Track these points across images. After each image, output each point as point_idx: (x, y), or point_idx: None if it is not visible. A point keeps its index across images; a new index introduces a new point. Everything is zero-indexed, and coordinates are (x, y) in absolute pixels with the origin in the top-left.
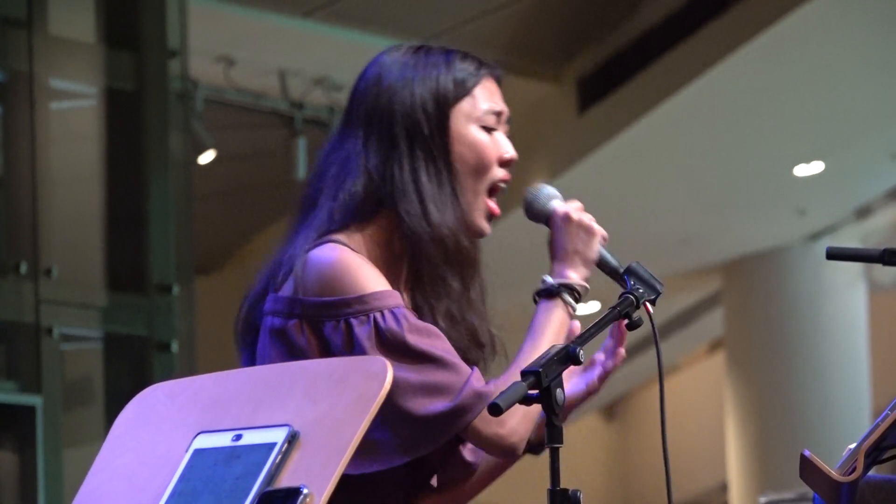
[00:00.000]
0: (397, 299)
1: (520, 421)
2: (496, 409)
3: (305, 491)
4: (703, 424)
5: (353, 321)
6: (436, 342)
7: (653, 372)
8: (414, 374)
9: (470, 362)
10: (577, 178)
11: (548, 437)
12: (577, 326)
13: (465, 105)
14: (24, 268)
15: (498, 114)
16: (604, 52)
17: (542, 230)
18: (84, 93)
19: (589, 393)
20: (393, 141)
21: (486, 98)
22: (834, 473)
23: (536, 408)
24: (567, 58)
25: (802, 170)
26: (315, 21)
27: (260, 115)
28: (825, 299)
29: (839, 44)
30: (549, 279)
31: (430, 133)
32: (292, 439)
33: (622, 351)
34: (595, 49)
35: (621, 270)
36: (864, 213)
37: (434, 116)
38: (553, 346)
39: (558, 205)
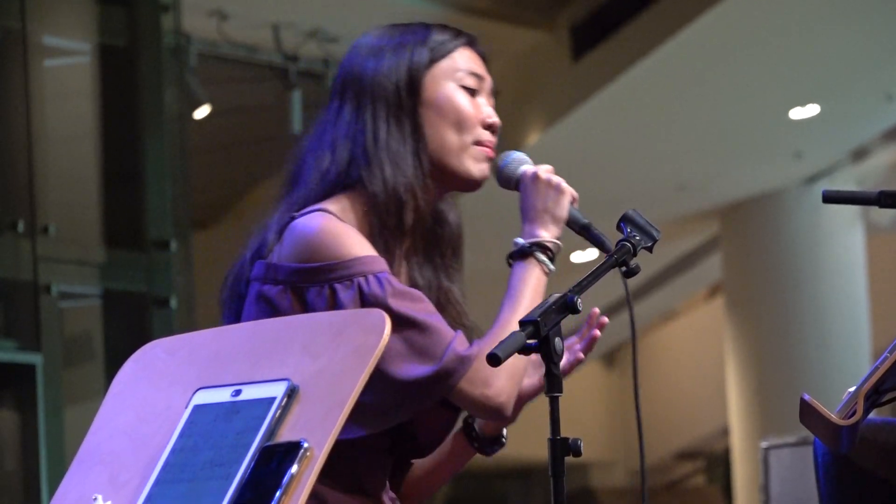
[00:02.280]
0: (382, 264)
1: (506, 381)
2: (495, 360)
3: (306, 445)
4: (703, 370)
5: (338, 286)
6: (419, 306)
7: (652, 318)
8: (397, 339)
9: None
10: (573, 126)
11: (547, 386)
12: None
13: (442, 65)
14: (21, 226)
15: (479, 78)
16: None
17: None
18: (77, 49)
19: (540, 390)
20: (360, 107)
21: (465, 62)
22: (834, 417)
23: (522, 368)
24: (560, 4)
25: (798, 113)
26: None
27: (254, 68)
28: (823, 242)
29: None
30: (521, 240)
31: (396, 93)
32: (292, 393)
33: (582, 355)
34: None
35: (591, 228)
36: (860, 155)
37: (404, 78)
38: (552, 294)
39: (527, 168)
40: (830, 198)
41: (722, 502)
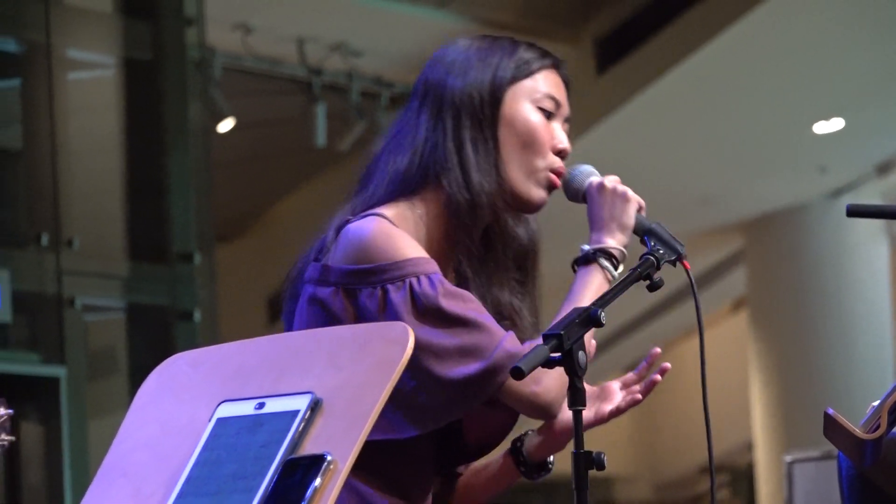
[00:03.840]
0: (433, 266)
1: (556, 379)
2: (518, 373)
3: (329, 458)
4: (728, 383)
5: (390, 287)
6: (470, 306)
7: (678, 331)
8: (448, 338)
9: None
10: (597, 140)
11: (570, 399)
12: (593, 346)
13: (525, 84)
14: (45, 239)
15: (557, 103)
16: (621, 13)
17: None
18: (102, 63)
19: (596, 423)
20: (441, 114)
21: (547, 84)
22: (858, 431)
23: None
24: (584, 18)
25: (822, 127)
26: None
27: (278, 81)
28: (847, 256)
29: (859, 0)
30: (586, 246)
31: (480, 105)
32: (315, 406)
33: (640, 396)
34: (613, 9)
35: (658, 231)
36: (884, 169)
37: (487, 91)
38: (573, 308)
39: (594, 179)
40: (855, 212)
41: None
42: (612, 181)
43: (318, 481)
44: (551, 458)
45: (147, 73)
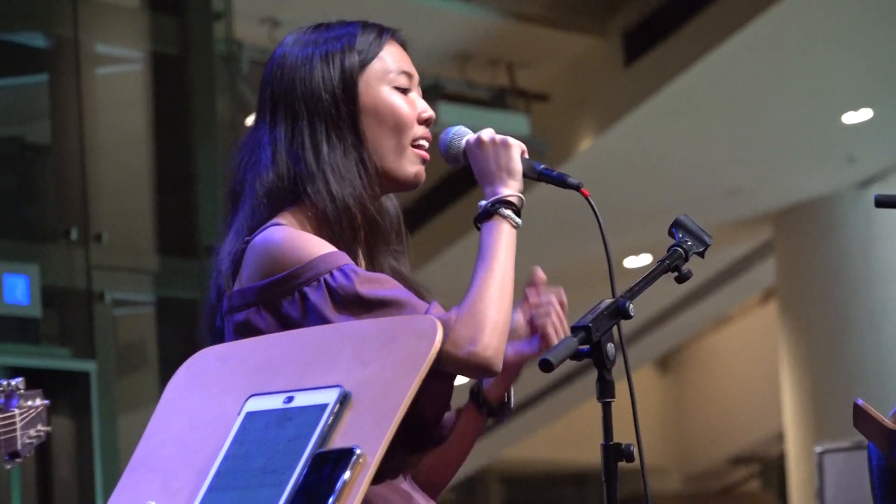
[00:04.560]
0: (344, 258)
1: (490, 335)
2: (547, 365)
3: (358, 451)
4: (757, 375)
5: (307, 289)
6: (387, 286)
7: (705, 323)
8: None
9: None
10: (625, 132)
11: (599, 391)
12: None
13: (373, 69)
14: (74, 234)
15: (409, 75)
16: (648, 5)
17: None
18: (129, 57)
19: (520, 359)
20: (297, 122)
21: (394, 59)
22: (887, 421)
23: (505, 322)
24: (612, 11)
25: (851, 117)
26: None
27: None
28: (876, 246)
29: None
30: (483, 202)
31: (333, 103)
32: (344, 400)
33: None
34: (640, 1)
35: (550, 171)
36: None
37: (339, 87)
38: (602, 300)
39: (469, 137)
40: (883, 202)
41: None
42: (488, 133)
43: (347, 475)
44: (510, 393)
45: (175, 67)
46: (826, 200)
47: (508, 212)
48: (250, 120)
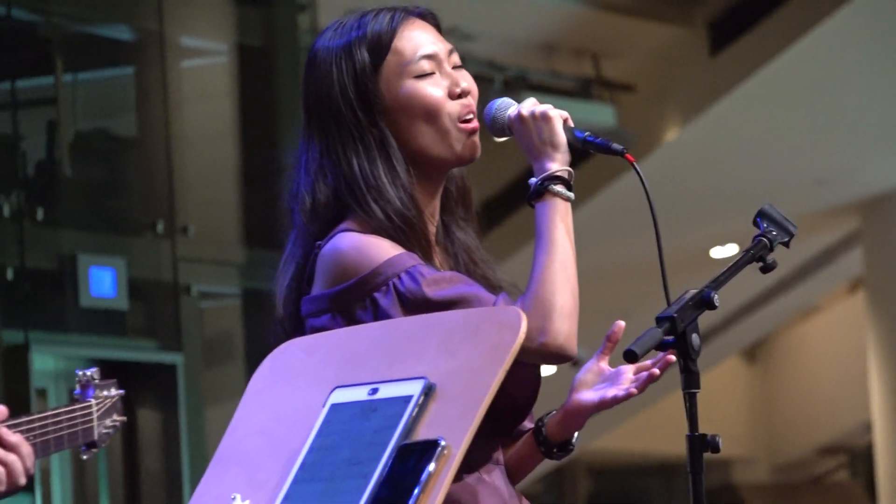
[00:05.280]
0: (411, 259)
1: (560, 322)
2: (632, 356)
3: (443, 443)
4: (845, 365)
5: (377, 295)
6: (454, 284)
7: (792, 313)
8: None
9: None
10: (711, 121)
11: (684, 382)
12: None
13: (389, 66)
14: (160, 227)
15: (431, 56)
16: None
17: (674, 177)
18: (215, 50)
19: (599, 408)
20: (328, 135)
21: (410, 47)
22: None
23: (573, 301)
24: (697, 1)
25: None
26: None
27: None
28: None
29: None
30: (533, 180)
31: (353, 114)
32: (429, 391)
33: (635, 390)
34: None
35: (594, 138)
36: None
37: (354, 95)
38: (687, 291)
39: (513, 110)
40: None
41: (865, 498)
42: (527, 107)
43: (432, 466)
44: (575, 437)
45: (260, 59)
46: None
47: (559, 187)
48: None
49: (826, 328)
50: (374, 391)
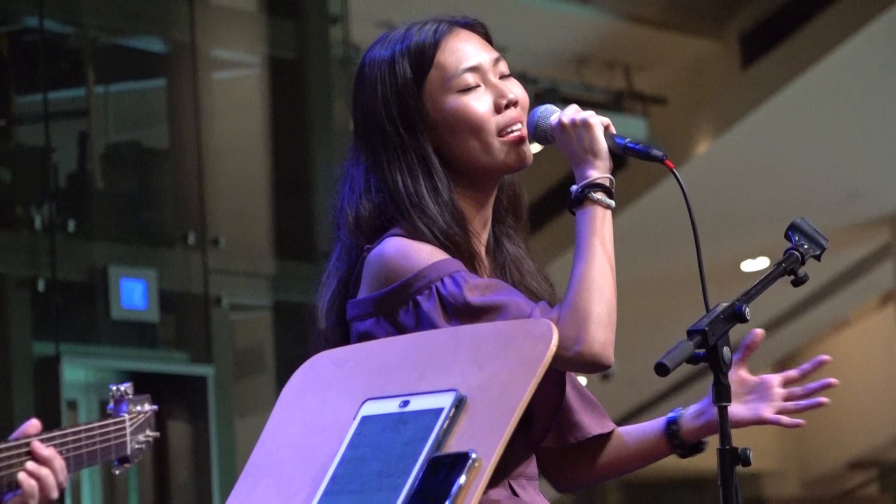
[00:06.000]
0: (455, 265)
1: (596, 330)
2: (662, 369)
3: (474, 456)
4: (876, 378)
5: (419, 298)
6: (495, 291)
7: (825, 326)
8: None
9: None
10: (743, 134)
11: (715, 395)
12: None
13: (432, 81)
14: (191, 238)
15: (475, 68)
16: (766, 7)
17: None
18: (246, 62)
19: (752, 423)
20: (374, 152)
21: (453, 61)
22: None
23: (611, 308)
24: (729, 13)
25: None
26: None
27: None
28: None
29: None
30: (574, 187)
31: (397, 132)
32: (459, 404)
33: (802, 422)
34: (757, 4)
35: (635, 145)
36: None
37: (396, 112)
38: (718, 304)
39: (553, 118)
40: None
41: None
42: (568, 115)
43: (462, 479)
44: (706, 438)
45: (291, 71)
46: None
47: (599, 195)
48: None
49: (857, 342)
50: (405, 403)
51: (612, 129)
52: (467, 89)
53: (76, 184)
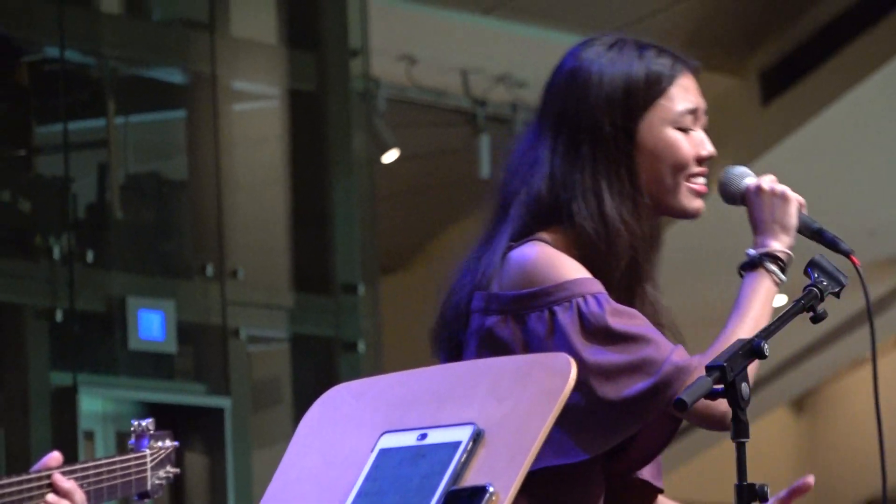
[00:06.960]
0: (598, 285)
1: None
2: (681, 405)
3: (491, 489)
4: (894, 417)
5: (557, 308)
6: (637, 322)
7: (843, 362)
8: (617, 356)
9: None
10: (761, 171)
11: (734, 431)
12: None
13: (659, 108)
14: (210, 270)
15: (694, 112)
16: (786, 44)
17: (728, 227)
18: (266, 94)
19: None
20: (577, 146)
21: (681, 98)
22: None
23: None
24: (750, 50)
25: None
26: (496, 18)
27: (442, 113)
28: None
29: None
30: (751, 251)
31: (613, 136)
32: (477, 437)
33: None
34: (777, 41)
35: (824, 232)
36: None
37: (620, 122)
38: (738, 339)
39: (751, 181)
40: None
41: None
42: (768, 182)
43: None
44: None
45: (311, 104)
46: None
47: (774, 267)
48: (386, 157)
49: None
50: (423, 436)
51: (805, 210)
52: (684, 129)
53: (95, 214)
